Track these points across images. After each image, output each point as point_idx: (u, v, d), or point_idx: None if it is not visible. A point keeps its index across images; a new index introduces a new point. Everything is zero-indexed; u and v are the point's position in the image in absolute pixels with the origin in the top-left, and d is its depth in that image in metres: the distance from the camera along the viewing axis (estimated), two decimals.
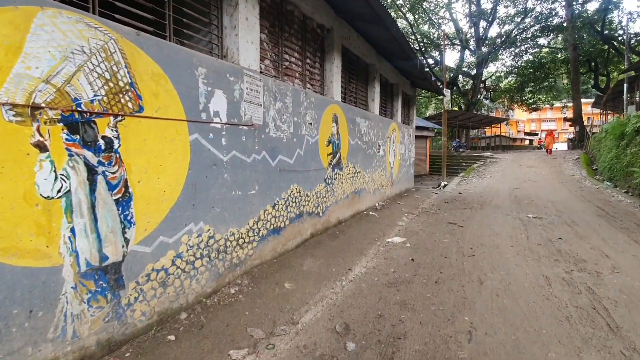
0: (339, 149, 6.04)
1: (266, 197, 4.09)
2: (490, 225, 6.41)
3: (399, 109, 10.12)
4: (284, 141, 4.41)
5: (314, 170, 5.18)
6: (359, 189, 7.08)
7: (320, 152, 5.38)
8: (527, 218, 7.05)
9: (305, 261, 4.39)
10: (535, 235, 5.75)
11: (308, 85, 5.37)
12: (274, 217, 4.25)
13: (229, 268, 3.52)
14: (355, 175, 6.84)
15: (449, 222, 6.70)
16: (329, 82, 5.81)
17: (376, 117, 8.05)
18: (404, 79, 10.46)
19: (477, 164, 19.19)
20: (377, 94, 8.05)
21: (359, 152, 7.04)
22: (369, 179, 7.66)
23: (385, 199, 8.96)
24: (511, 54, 32.05)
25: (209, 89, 3.17)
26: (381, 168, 8.55)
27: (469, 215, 7.44)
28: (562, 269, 4.15)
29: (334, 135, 5.83)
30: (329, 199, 5.76)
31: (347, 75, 6.78)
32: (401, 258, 4.63)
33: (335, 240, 5.32)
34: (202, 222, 3.16)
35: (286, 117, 4.43)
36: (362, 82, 7.70)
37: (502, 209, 8.12)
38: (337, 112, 5.89)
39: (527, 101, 35.77)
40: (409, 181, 11.86)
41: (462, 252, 4.85)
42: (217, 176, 3.32)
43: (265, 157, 4.05)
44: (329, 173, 5.71)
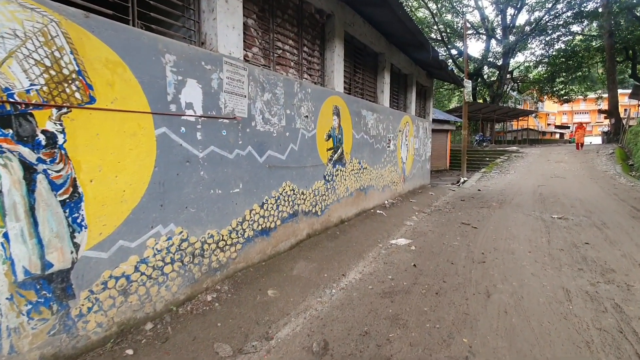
0: (340, 144, 5.66)
1: (252, 196, 3.79)
2: (507, 227, 5.87)
3: (412, 101, 9.57)
4: (274, 135, 4.09)
5: (310, 166, 4.84)
6: (365, 186, 6.68)
7: (319, 147, 5.02)
8: (550, 219, 6.44)
9: (296, 265, 4.08)
10: (558, 239, 5.18)
11: (305, 75, 5.01)
12: (262, 217, 3.95)
13: (206, 273, 3.26)
14: (360, 171, 6.45)
15: (462, 223, 6.20)
16: (330, 72, 5.42)
17: (386, 110, 7.58)
18: (419, 70, 9.88)
19: (500, 159, 18.22)
20: (387, 85, 7.57)
21: (365, 147, 6.63)
22: (376, 176, 7.23)
23: (396, 197, 8.51)
24: (541, 42, 30.17)
25: (179, 79, 2.89)
26: (391, 164, 8.09)
27: (485, 215, 6.88)
28: (586, 281, 3.64)
29: (335, 129, 5.46)
30: (329, 197, 5.41)
31: (352, 65, 6.36)
32: (402, 263, 4.23)
33: (334, 242, 4.98)
34: (173, 224, 2.90)
35: (277, 109, 4.10)
36: (370, 72, 7.25)
37: (523, 208, 7.49)
38: (338, 104, 5.51)
39: (558, 92, 33.73)
40: (424, 177, 11.30)
41: (471, 257, 4.39)
42: (192, 174, 3.04)
43: (251, 153, 3.74)
44: (329, 169, 5.35)
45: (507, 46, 29.08)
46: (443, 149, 22.19)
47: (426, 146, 11.31)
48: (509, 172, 14.33)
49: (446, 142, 22.43)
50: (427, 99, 11.58)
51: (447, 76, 10.21)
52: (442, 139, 22.03)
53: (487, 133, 33.59)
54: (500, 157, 18.91)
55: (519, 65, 36.48)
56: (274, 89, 4.04)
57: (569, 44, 29.07)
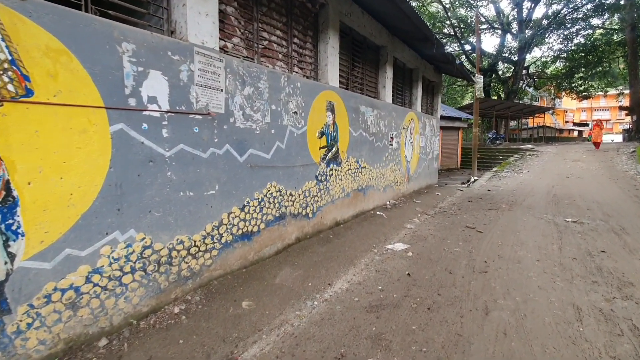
0: (335, 142, 5.34)
1: (231, 198, 3.51)
2: (515, 232, 5.45)
3: (418, 97, 9.16)
4: (257, 133, 3.80)
5: (300, 165, 4.54)
6: (363, 186, 6.35)
7: (310, 145, 4.71)
8: (564, 223, 5.98)
9: (281, 271, 3.79)
10: (571, 246, 4.75)
11: (296, 69, 4.71)
12: (242, 221, 3.68)
13: (175, 282, 3.00)
14: (358, 170, 6.11)
15: (467, 226, 5.80)
16: (324, 66, 5.10)
17: (388, 106, 7.21)
18: (426, 64, 9.44)
19: (514, 158, 17.54)
20: (389, 79, 7.20)
21: (364, 145, 6.28)
22: (377, 175, 6.88)
23: (399, 197, 8.13)
24: (559, 36, 29.01)
25: (139, 70, 2.62)
26: (394, 162, 7.72)
27: (492, 217, 6.46)
28: (600, 296, 3.24)
29: (329, 125, 5.14)
30: (322, 198, 5.10)
31: (349, 59, 6.02)
32: (396, 271, 3.89)
33: (326, 246, 4.67)
34: (133, 229, 2.65)
35: (260, 104, 3.81)
36: (371, 66, 6.89)
37: (534, 210, 7.03)
38: (333, 100, 5.18)
39: (576, 88, 32.45)
40: (431, 176, 10.86)
41: (472, 266, 4.02)
42: (157, 174, 2.78)
43: (230, 152, 3.47)
44: (322, 169, 5.04)
45: (523, 41, 28.07)
46: (454, 147, 21.59)
47: (433, 144, 10.87)
48: (522, 171, 13.73)
49: (457, 139, 21.80)
50: (435, 94, 11.13)
51: (455, 71, 9.75)
52: (453, 136, 21.43)
53: (501, 131, 32.65)
54: (514, 156, 18.22)
55: (535, 60, 35.28)
56: (257, 83, 3.75)
57: (589, 38, 27.86)
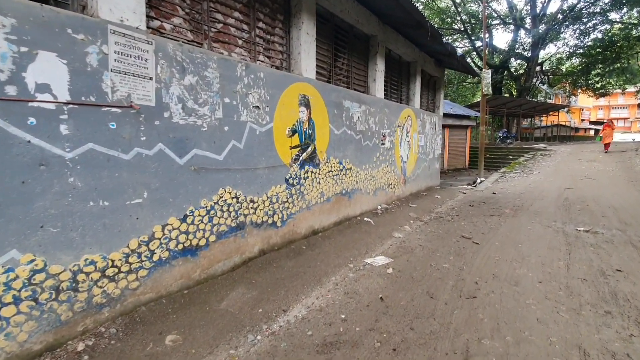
0: (312, 140, 4.75)
1: (166, 207, 2.97)
2: (517, 244, 4.77)
3: (416, 93, 8.49)
4: (204, 130, 3.25)
5: (265, 168, 3.98)
6: (348, 189, 5.75)
7: (277, 145, 4.14)
8: (574, 232, 5.27)
9: (231, 292, 3.23)
10: (582, 262, 4.07)
11: (261, 57, 4.14)
12: (184, 234, 3.13)
13: (83, 311, 2.47)
14: (342, 172, 5.51)
15: (462, 236, 5.15)
16: (296, 55, 4.51)
17: (379, 102, 6.58)
18: (425, 57, 8.76)
19: (524, 158, 16.65)
20: (380, 73, 6.57)
21: (350, 144, 5.68)
22: (365, 177, 6.27)
23: (393, 201, 7.50)
24: (575, 31, 27.73)
25: (22, 50, 2.09)
26: (387, 163, 7.09)
27: (493, 225, 5.78)
28: (614, 333, 2.59)
29: (303, 122, 4.55)
30: (295, 204, 4.52)
31: (331, 48, 5.42)
32: (369, 294, 3.29)
33: (295, 259, 4.10)
34: (16, 250, 2.12)
35: (208, 97, 3.25)
36: (359, 58, 6.27)
37: (542, 216, 6.32)
38: (307, 93, 4.60)
39: (593, 86, 31.09)
40: (432, 178, 10.17)
41: (460, 289, 3.39)
42: (52, 181, 2.25)
43: (164, 153, 2.92)
44: (294, 171, 4.46)
45: (536, 36, 26.89)
46: (462, 146, 20.76)
47: (435, 143, 10.17)
48: (532, 172, 12.89)
49: (465, 138, 20.97)
50: (436, 90, 10.42)
51: (457, 64, 9.02)
52: (460, 135, 20.62)
53: (512, 129, 31.52)
54: (524, 156, 17.32)
55: (549, 56, 33.98)
56: (203, 71, 3.19)
57: (607, 33, 26.51)
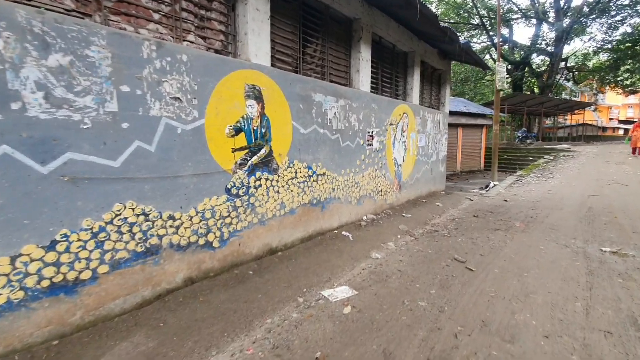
0: (266, 141, 3.91)
1: (18, 232, 2.19)
2: (523, 271, 3.78)
3: (415, 87, 7.50)
4: (86, 128, 2.45)
5: (192, 175, 3.16)
6: (321, 198, 4.87)
7: (212, 146, 3.32)
8: (598, 254, 4.22)
9: (120, 344, 2.43)
10: (606, 302, 3.05)
11: (191, 37, 3.32)
12: (52, 266, 2.34)
13: None
14: (311, 179, 4.65)
15: (455, 259, 4.18)
16: (242, 35, 3.68)
17: (364, 96, 5.67)
18: (425, 47, 7.76)
19: (544, 159, 15.25)
20: (365, 62, 5.66)
21: (322, 146, 4.80)
22: (345, 184, 5.37)
23: (384, 210, 6.56)
24: (602, 25, 25.79)
25: None
26: (375, 167, 6.16)
27: (497, 243, 4.77)
28: None
29: (252, 119, 3.72)
30: (242, 219, 3.69)
31: (296, 30, 4.55)
32: (303, 350, 2.41)
33: (231, 290, 3.26)
34: None
35: (92, 83, 2.46)
36: (338, 44, 5.38)
37: (559, 232, 5.25)
38: (259, 84, 3.76)
39: (622, 82, 28.92)
40: (436, 182, 9.13)
41: (430, 346, 2.46)
42: None
43: (12, 158, 2.14)
44: (240, 178, 3.63)
45: (560, 30, 25.14)
46: (476, 147, 19.49)
47: (439, 144, 9.13)
48: (552, 175, 11.61)
49: (480, 138, 19.69)
50: (441, 85, 9.37)
51: (460, 52, 7.94)
52: (475, 135, 19.36)
53: (534, 129, 29.72)
54: (545, 157, 15.91)
55: (575, 52, 31.92)
56: (82, 49, 2.40)
57: (637, 27, 24.47)
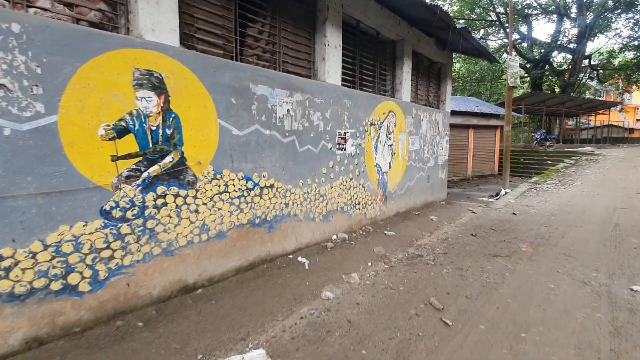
0: (173, 146, 2.96)
1: None
2: (519, 328, 2.68)
3: (404, 81, 6.43)
4: None
5: (34, 195, 2.24)
6: (268, 216, 3.89)
7: (72, 153, 2.39)
8: (627, 297, 3.09)
9: None
10: None
11: (47, 3, 2.42)
12: None
13: None
14: (252, 192, 3.67)
15: (430, 303, 3.11)
16: (133, 4, 2.75)
17: (332, 90, 4.67)
18: (419, 34, 6.68)
19: (564, 164, 13.79)
20: (334, 49, 4.65)
21: (270, 151, 3.83)
22: (305, 197, 4.37)
23: (363, 226, 5.51)
24: (629, 21, 23.90)
25: None
26: (350, 175, 5.14)
27: (493, 277, 3.67)
28: None
29: (148, 115, 2.78)
30: (134, 250, 2.75)
31: (231, 6, 3.59)
32: None
33: (94, 356, 2.32)
34: None
35: None
36: (296, 25, 4.40)
37: (576, 259, 4.10)
38: (157, 69, 2.82)
39: None
40: (434, 191, 8.00)
41: None
42: None
43: None
44: (128, 196, 2.69)
45: (583, 26, 23.39)
46: (489, 150, 18.09)
47: (438, 147, 8.00)
48: (572, 183, 10.26)
49: (494, 140, 18.25)
50: (441, 80, 8.25)
51: (456, 38, 6.77)
52: (488, 136, 17.97)
53: (554, 130, 27.89)
54: (565, 161, 14.43)
55: (599, 49, 29.93)
56: None
57: None
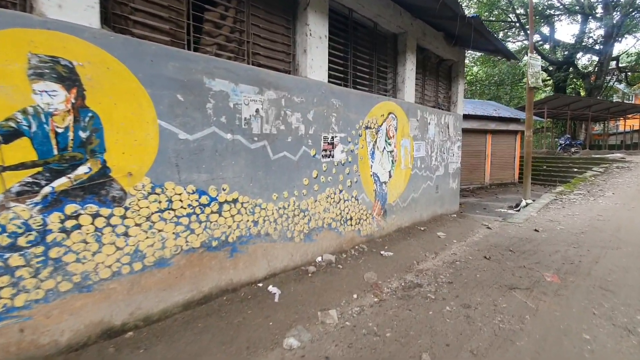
0: (90, 153, 2.35)
1: None
2: None
3: (407, 80, 5.69)
4: None
5: None
6: (230, 237, 3.22)
7: None
8: None
9: None
10: None
11: None
12: None
13: None
14: (209, 209, 3.02)
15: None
16: None
17: (316, 87, 4.00)
18: (424, 27, 5.94)
19: (592, 172, 12.59)
20: (319, 39, 4.00)
21: (232, 158, 3.17)
22: (281, 213, 3.69)
23: (356, 245, 4.77)
24: None
25: None
26: (339, 186, 4.43)
27: (509, 321, 2.86)
28: None
29: (49, 114, 2.17)
30: (30, 287, 2.13)
31: None
32: None
33: None
34: None
35: None
36: (270, 11, 3.76)
37: (616, 296, 3.24)
38: (65, 55, 2.22)
39: None
40: (444, 202, 7.16)
41: None
42: None
43: None
44: (18, 217, 2.09)
45: (609, 26, 22.00)
46: (509, 156, 16.98)
47: (448, 153, 7.19)
48: (602, 193, 9.18)
49: (514, 146, 17.15)
50: (452, 80, 7.45)
51: (468, 32, 5.99)
52: (507, 142, 16.90)
53: (579, 135, 26.29)
54: (593, 169, 13.20)
55: (626, 50, 28.28)
56: None
57: None
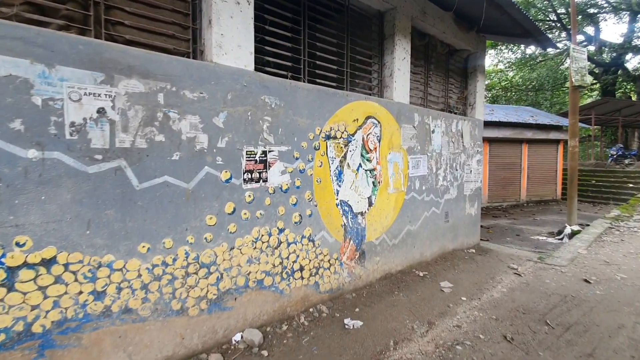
0: None
1: None
2: None
3: (398, 72, 4.19)
4: None
5: None
6: (44, 326, 1.90)
7: None
8: None
9: None
10: None
11: None
12: None
13: None
14: None
15: None
16: None
17: (234, 77, 2.64)
18: (426, 5, 4.44)
19: None
20: (236, 5, 2.67)
21: (45, 190, 1.88)
22: (160, 274, 2.32)
23: (310, 305, 3.29)
24: None
25: None
26: (280, 224, 3.00)
27: None
28: None
29: None
30: None
31: None
32: None
33: None
34: None
35: None
36: None
37: None
38: None
39: None
40: (457, 233, 5.47)
41: None
42: None
43: None
44: None
45: None
46: (550, 169, 14.66)
47: (463, 170, 5.53)
48: None
49: (556, 157, 14.78)
50: (469, 76, 5.84)
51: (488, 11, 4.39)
52: (548, 153, 14.60)
53: (633, 145, 23.14)
54: None
55: None
56: None
57: None
